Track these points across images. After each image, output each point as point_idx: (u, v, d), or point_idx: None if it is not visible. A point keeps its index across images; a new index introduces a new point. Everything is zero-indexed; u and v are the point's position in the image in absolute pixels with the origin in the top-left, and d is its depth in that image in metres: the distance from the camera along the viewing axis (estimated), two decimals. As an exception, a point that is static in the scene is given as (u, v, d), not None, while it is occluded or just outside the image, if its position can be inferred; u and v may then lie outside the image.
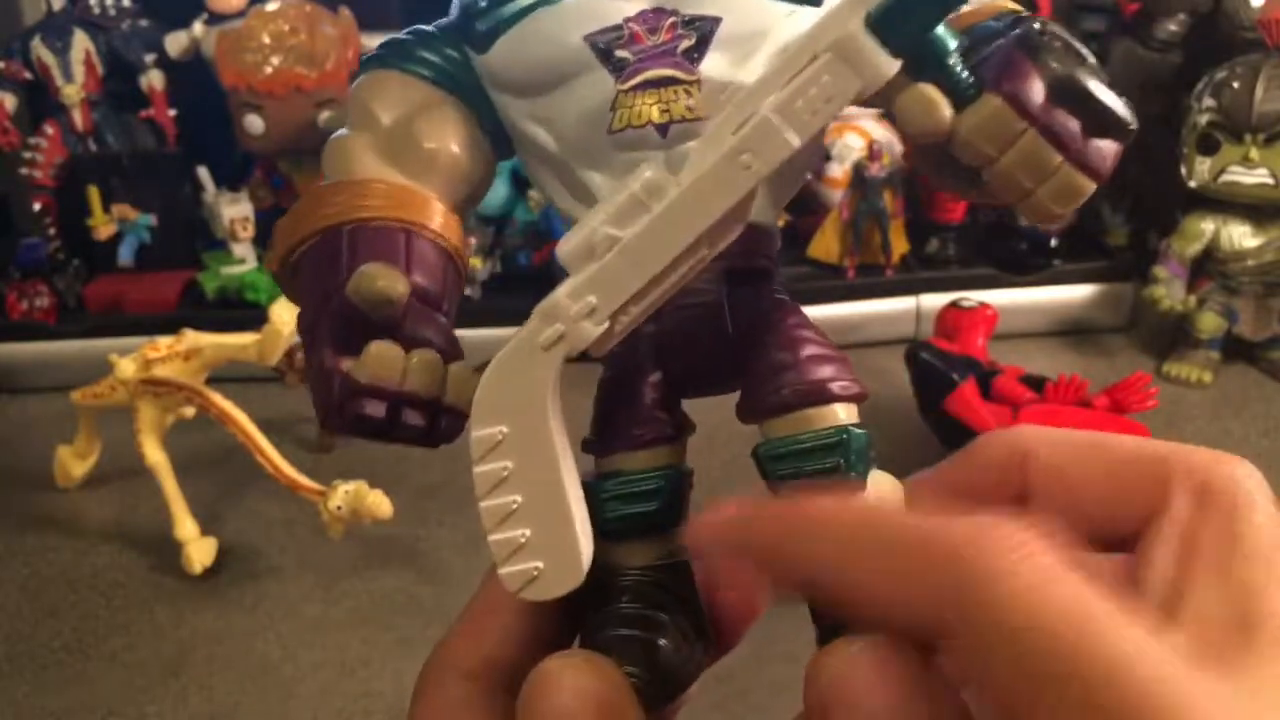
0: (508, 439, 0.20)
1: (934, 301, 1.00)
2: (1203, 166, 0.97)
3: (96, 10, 1.07)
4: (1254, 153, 0.95)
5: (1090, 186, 0.20)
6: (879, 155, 1.03)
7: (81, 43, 1.05)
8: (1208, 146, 0.97)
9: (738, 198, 0.19)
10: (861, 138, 1.08)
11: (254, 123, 1.02)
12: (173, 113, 1.08)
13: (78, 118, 1.05)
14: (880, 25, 0.18)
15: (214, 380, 0.78)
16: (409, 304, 0.21)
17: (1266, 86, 0.94)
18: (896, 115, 0.20)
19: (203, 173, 1.02)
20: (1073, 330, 1.07)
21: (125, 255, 1.04)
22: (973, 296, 0.94)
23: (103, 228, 1.03)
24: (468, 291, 1.01)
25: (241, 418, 0.74)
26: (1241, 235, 0.98)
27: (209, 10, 1.07)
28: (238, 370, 0.78)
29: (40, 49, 1.04)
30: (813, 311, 0.24)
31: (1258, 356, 1.00)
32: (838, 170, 1.07)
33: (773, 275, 0.23)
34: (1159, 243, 1.02)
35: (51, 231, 1.04)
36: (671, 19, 0.22)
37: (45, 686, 0.66)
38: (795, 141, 0.19)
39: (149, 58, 1.08)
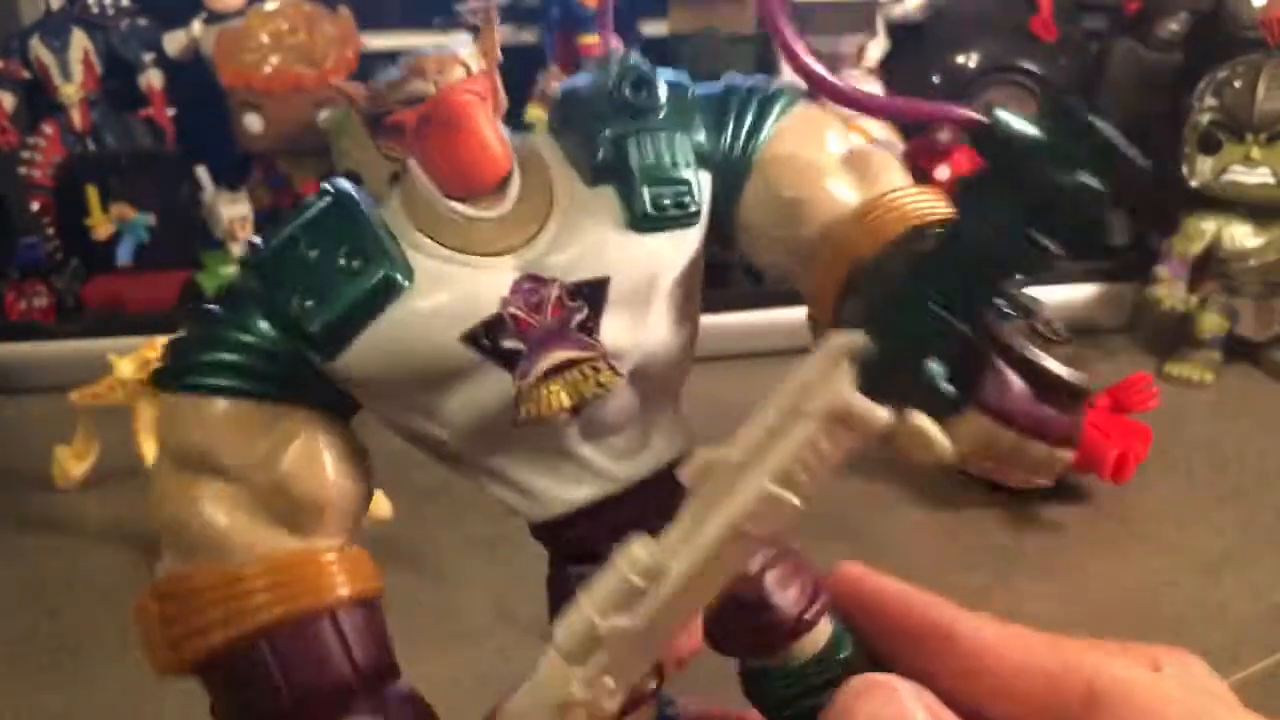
0: None
1: (935, 301, 1.00)
2: (1204, 166, 0.97)
3: (95, 9, 1.07)
4: (1256, 152, 0.95)
5: (1069, 456, 0.20)
6: (879, 155, 1.03)
7: (80, 42, 1.05)
8: (1209, 146, 0.97)
9: (742, 564, 0.19)
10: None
11: (253, 122, 1.02)
12: (171, 112, 1.08)
13: (76, 117, 1.05)
14: (869, 383, 0.18)
15: (213, 380, 0.77)
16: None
17: (1268, 86, 0.94)
18: (897, 447, 0.19)
19: (201, 172, 1.02)
20: (1074, 330, 1.07)
21: (124, 255, 1.03)
22: (974, 296, 0.93)
23: (101, 227, 1.03)
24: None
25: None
26: (1243, 235, 0.98)
27: (208, 9, 1.07)
28: (237, 370, 0.78)
29: (38, 48, 1.04)
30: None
31: (1260, 357, 1.00)
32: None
33: None
34: (1160, 242, 1.02)
35: (50, 231, 1.04)
36: (555, 292, 0.20)
37: (44, 686, 0.66)
38: (799, 504, 0.19)
39: (147, 57, 1.07)
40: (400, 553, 0.76)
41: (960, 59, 1.10)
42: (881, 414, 0.18)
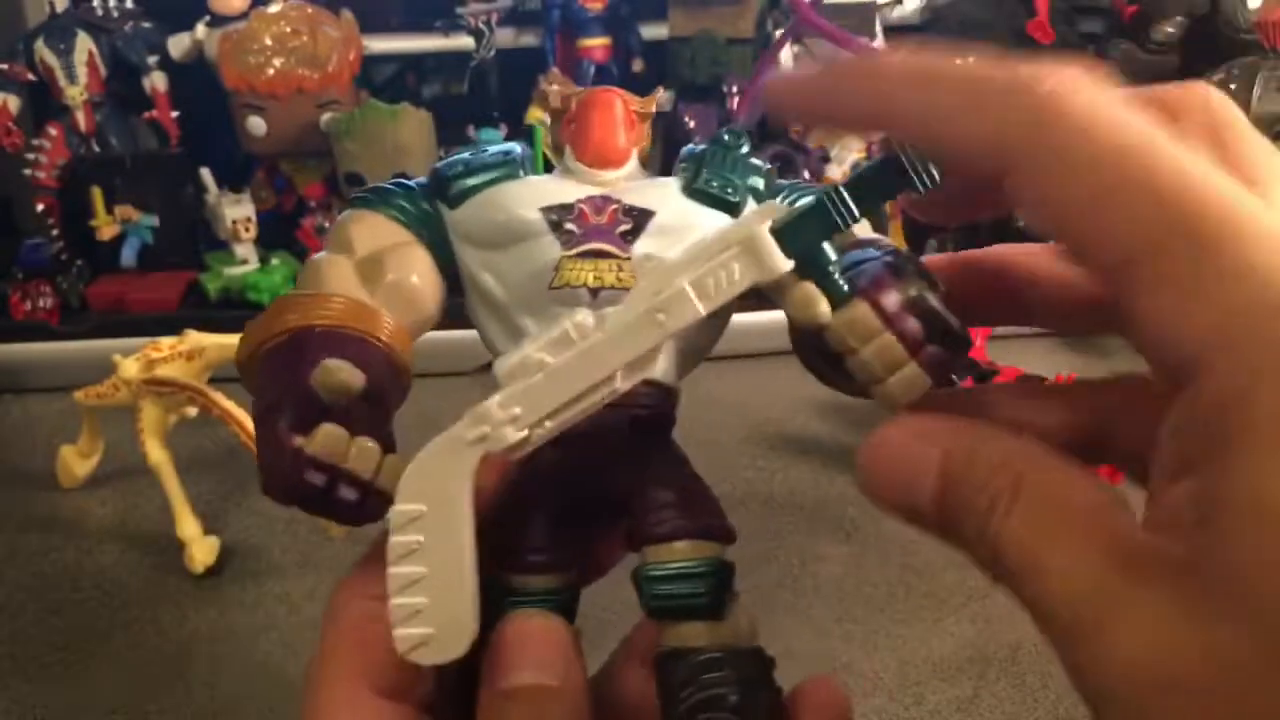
0: (424, 517, 0.23)
1: (933, 302, 1.01)
2: (1201, 168, 0.98)
3: (99, 12, 1.08)
4: (1252, 154, 0.95)
5: (928, 383, 0.23)
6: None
7: (84, 44, 1.05)
8: (1205, 148, 0.97)
9: (648, 346, 0.23)
10: (861, 139, 1.08)
11: (256, 124, 1.02)
12: (175, 114, 1.08)
13: (81, 119, 1.06)
14: (780, 233, 0.23)
15: (216, 380, 0.78)
16: (358, 400, 0.25)
17: (1263, 88, 0.94)
18: (785, 307, 0.24)
19: (205, 174, 1.03)
20: (1071, 331, 1.08)
21: (128, 256, 1.04)
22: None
23: (106, 228, 1.04)
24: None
25: (244, 417, 0.74)
26: (1239, 236, 0.99)
27: (211, 12, 1.07)
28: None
29: (43, 51, 1.05)
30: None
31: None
32: (836, 172, 1.07)
33: (670, 426, 0.28)
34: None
35: (55, 232, 1.04)
36: (614, 205, 0.27)
37: (48, 685, 0.66)
38: (702, 310, 0.23)
39: (152, 59, 1.08)
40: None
41: (958, 62, 1.11)
42: (782, 260, 0.23)
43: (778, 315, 0.27)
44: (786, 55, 1.10)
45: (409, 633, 0.23)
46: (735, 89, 1.09)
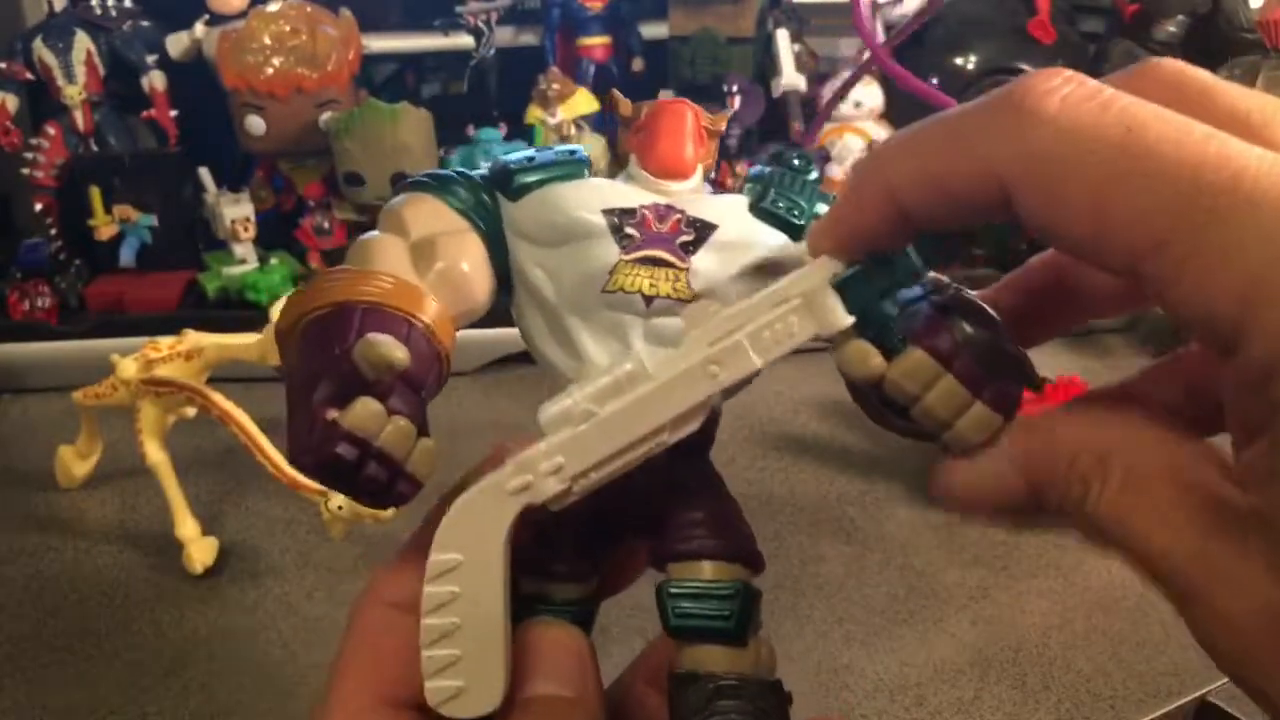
0: (461, 567, 0.23)
1: (933, 302, 1.00)
2: (1201, 167, 0.97)
3: (98, 11, 1.08)
4: (1253, 154, 0.95)
5: (999, 420, 0.23)
6: (879, 156, 1.03)
7: (83, 43, 1.05)
8: (1206, 147, 0.97)
9: (700, 398, 0.23)
10: (861, 138, 1.08)
11: (255, 123, 1.02)
12: (174, 113, 1.08)
13: (79, 118, 1.06)
14: (842, 288, 0.23)
15: (215, 380, 0.78)
16: (397, 380, 0.24)
17: (1265, 87, 0.94)
18: (838, 363, 0.24)
19: (204, 173, 1.02)
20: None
21: (126, 255, 1.04)
22: (972, 297, 0.94)
23: (104, 228, 1.03)
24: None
25: (243, 418, 0.74)
26: (1240, 236, 0.98)
27: (210, 11, 1.07)
28: (239, 370, 0.78)
29: (42, 50, 1.05)
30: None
31: (1256, 357, 1.00)
32: (837, 171, 1.07)
33: (706, 446, 0.28)
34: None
35: (53, 232, 1.04)
36: (678, 215, 0.27)
37: (47, 685, 0.66)
38: (758, 363, 0.23)
39: (150, 58, 1.08)
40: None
41: (959, 60, 1.11)
42: (843, 315, 0.23)
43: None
44: (788, 55, 1.09)
45: (441, 685, 0.23)
46: (735, 88, 1.09)
